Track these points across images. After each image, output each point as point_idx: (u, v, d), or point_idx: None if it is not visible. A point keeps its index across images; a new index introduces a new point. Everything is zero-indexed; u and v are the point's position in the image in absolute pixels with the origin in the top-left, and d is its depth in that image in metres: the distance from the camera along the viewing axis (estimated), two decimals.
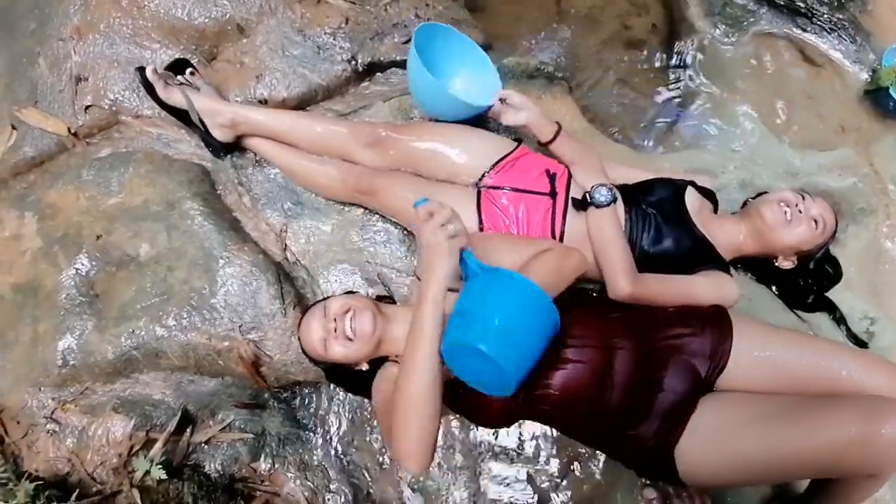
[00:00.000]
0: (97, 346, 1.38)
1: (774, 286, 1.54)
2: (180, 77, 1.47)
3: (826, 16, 2.02)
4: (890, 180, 1.87)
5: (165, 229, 1.43)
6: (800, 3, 2.02)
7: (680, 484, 1.16)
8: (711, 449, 1.09)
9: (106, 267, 1.43)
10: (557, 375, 1.12)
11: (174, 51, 1.58)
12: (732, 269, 1.35)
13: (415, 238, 1.48)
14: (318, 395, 1.53)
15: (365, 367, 1.19)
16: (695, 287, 1.26)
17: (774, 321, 1.38)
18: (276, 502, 1.43)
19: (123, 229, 1.44)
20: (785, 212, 1.32)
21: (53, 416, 1.40)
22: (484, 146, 1.39)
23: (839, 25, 2.02)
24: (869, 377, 1.11)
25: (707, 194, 1.44)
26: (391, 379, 1.14)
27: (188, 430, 1.42)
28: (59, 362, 1.38)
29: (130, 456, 1.37)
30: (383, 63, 1.65)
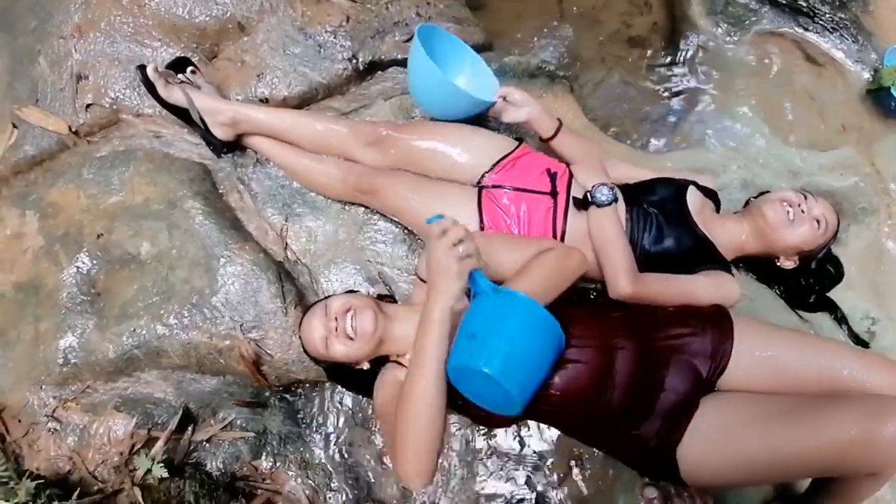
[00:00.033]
0: (98, 345, 1.38)
1: (776, 286, 1.54)
2: (181, 75, 1.47)
3: (828, 15, 2.02)
4: (891, 180, 1.87)
5: (166, 228, 1.43)
6: (802, 3, 2.02)
7: (681, 484, 1.16)
8: (713, 449, 1.08)
9: (107, 266, 1.43)
10: (558, 376, 1.12)
11: (175, 49, 1.57)
12: (734, 269, 1.35)
13: (416, 237, 1.48)
14: (319, 394, 1.53)
15: (366, 366, 1.19)
16: (696, 287, 1.25)
17: (776, 321, 1.38)
18: (278, 501, 1.44)
19: (124, 228, 1.44)
20: (787, 211, 1.32)
21: (55, 415, 1.40)
22: (485, 145, 1.38)
23: (841, 25, 2.02)
24: (870, 376, 1.11)
25: (709, 194, 1.44)
26: (393, 383, 1.14)
27: (189, 429, 1.42)
28: (61, 361, 1.38)
29: (132, 454, 1.37)
30: (384, 62, 1.65)
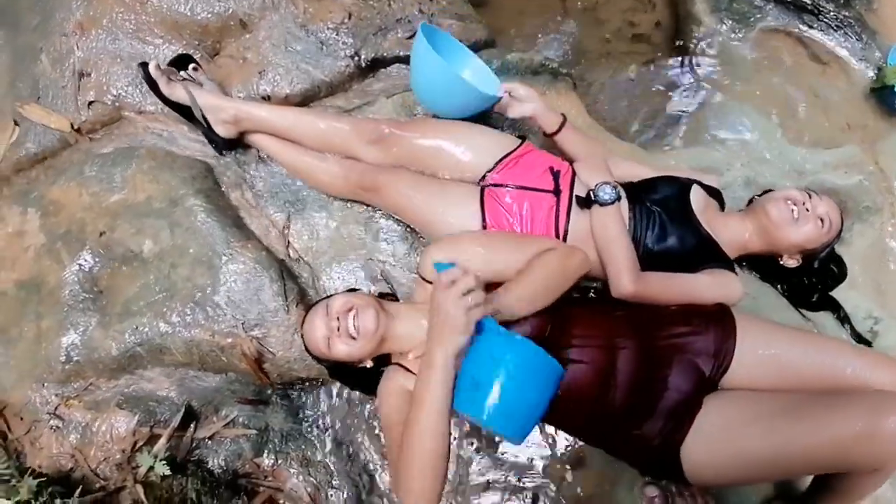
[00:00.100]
0: (101, 343, 1.38)
1: (779, 285, 1.54)
2: (183, 73, 1.47)
3: (832, 13, 2.01)
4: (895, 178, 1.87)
5: (168, 226, 1.42)
6: (806, 0, 2.01)
7: (684, 483, 1.16)
8: (717, 448, 1.08)
9: (109, 263, 1.43)
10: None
11: (177, 46, 1.57)
12: (737, 268, 1.35)
13: (418, 235, 1.48)
14: (321, 392, 1.53)
15: (369, 365, 1.19)
16: (699, 285, 1.25)
17: (779, 320, 1.37)
18: (280, 498, 1.44)
19: (126, 226, 1.44)
20: (791, 210, 1.31)
21: (57, 412, 1.40)
22: (488, 143, 1.37)
23: (845, 23, 2.01)
24: (873, 374, 1.11)
25: (713, 193, 1.43)
26: (398, 392, 1.14)
27: (192, 426, 1.42)
28: (63, 358, 1.38)
29: (134, 452, 1.37)
30: (387, 59, 1.64)
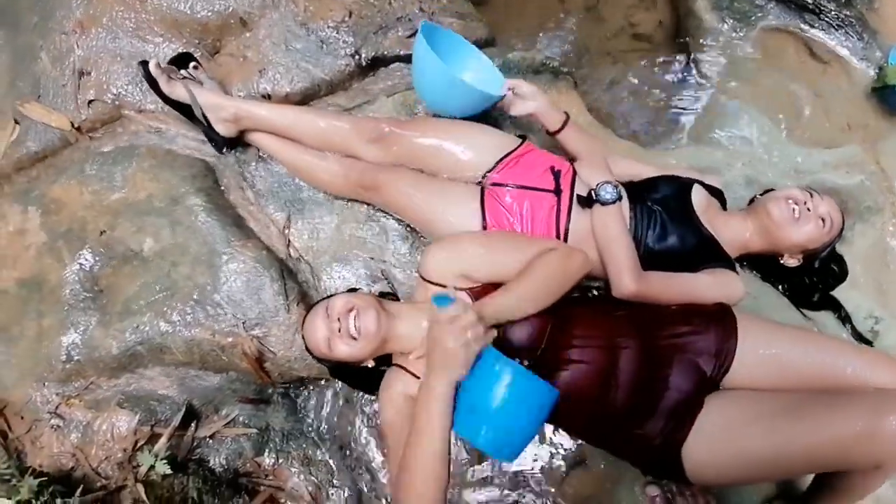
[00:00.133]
0: (102, 342, 1.38)
1: (780, 284, 1.54)
2: (183, 71, 1.46)
3: (833, 12, 2.00)
4: None
5: (169, 225, 1.42)
6: None
7: (685, 482, 1.16)
8: (718, 447, 1.09)
9: (110, 262, 1.43)
10: (562, 376, 1.12)
11: (177, 45, 1.57)
12: (738, 267, 1.35)
13: (418, 234, 1.48)
14: (322, 391, 1.53)
15: (370, 364, 1.19)
16: (700, 285, 1.25)
17: (779, 319, 1.37)
18: (280, 497, 1.44)
19: (127, 224, 1.44)
20: (793, 209, 1.31)
21: (58, 411, 1.40)
22: (488, 143, 1.37)
23: (846, 22, 2.01)
24: (873, 373, 1.11)
25: (715, 192, 1.43)
26: (399, 399, 1.15)
27: (193, 425, 1.42)
28: (64, 357, 1.38)
29: (135, 451, 1.37)
30: (387, 57, 1.64)
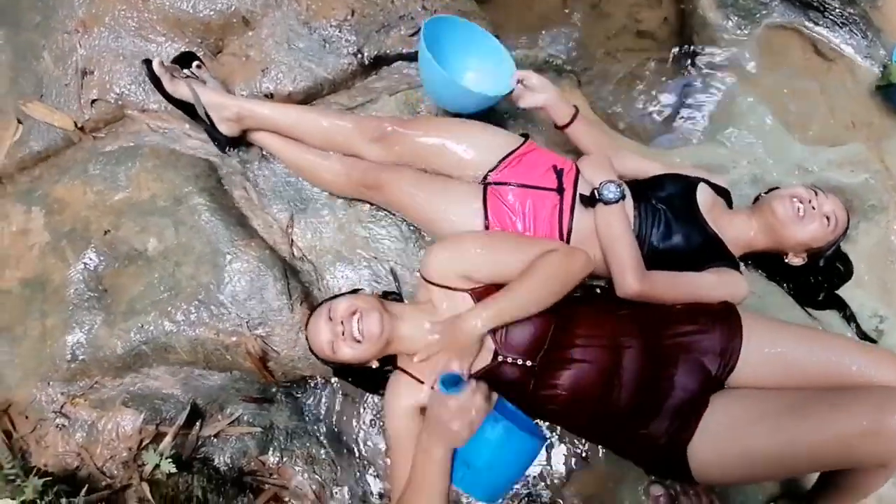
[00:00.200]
0: (106, 341, 1.38)
1: (785, 283, 1.53)
2: (186, 70, 1.46)
3: (837, 10, 1.99)
4: None
5: (173, 224, 1.42)
6: None
7: (690, 482, 1.16)
8: (723, 446, 1.09)
9: (114, 262, 1.43)
10: (565, 375, 1.12)
11: (180, 44, 1.56)
12: (742, 266, 1.34)
13: (421, 233, 1.47)
14: (326, 390, 1.53)
15: (374, 365, 1.19)
16: (704, 284, 1.25)
17: (784, 318, 1.37)
18: (285, 495, 1.45)
19: (131, 224, 1.44)
20: (797, 208, 1.31)
21: (63, 411, 1.41)
22: (491, 142, 1.37)
23: (850, 20, 2.00)
24: (878, 372, 1.10)
25: (720, 191, 1.43)
26: (406, 414, 1.16)
27: (197, 424, 1.43)
28: (68, 357, 1.39)
29: (140, 450, 1.38)
30: (390, 56, 1.63)
